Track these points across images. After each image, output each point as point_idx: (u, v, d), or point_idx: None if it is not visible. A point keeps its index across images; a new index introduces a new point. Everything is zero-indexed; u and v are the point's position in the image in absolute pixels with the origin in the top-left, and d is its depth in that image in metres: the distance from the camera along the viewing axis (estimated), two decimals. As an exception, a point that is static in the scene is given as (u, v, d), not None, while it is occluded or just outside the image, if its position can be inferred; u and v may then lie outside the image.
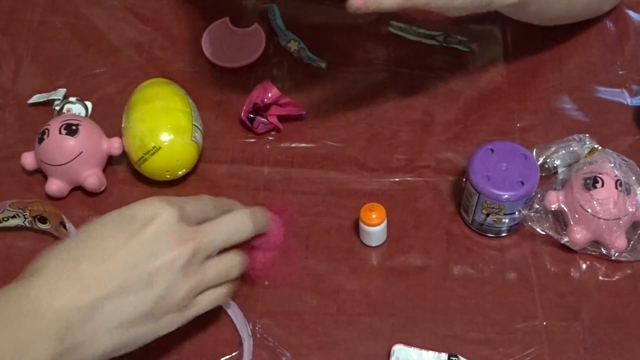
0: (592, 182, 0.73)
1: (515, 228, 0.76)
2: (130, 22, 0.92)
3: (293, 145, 0.83)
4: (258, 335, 0.71)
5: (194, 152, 0.78)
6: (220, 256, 0.64)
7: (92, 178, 0.77)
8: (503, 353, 0.70)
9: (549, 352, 0.70)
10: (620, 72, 0.88)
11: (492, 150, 0.74)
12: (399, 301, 0.73)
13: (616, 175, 0.73)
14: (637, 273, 0.75)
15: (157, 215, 0.59)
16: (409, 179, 0.80)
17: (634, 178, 0.74)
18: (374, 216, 0.73)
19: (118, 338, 0.58)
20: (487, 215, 0.73)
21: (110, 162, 0.80)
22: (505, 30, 0.91)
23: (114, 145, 0.78)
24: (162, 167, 0.76)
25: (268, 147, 0.82)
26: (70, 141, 0.76)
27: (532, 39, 0.90)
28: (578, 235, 0.73)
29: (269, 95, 0.81)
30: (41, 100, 0.85)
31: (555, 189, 0.76)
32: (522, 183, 0.72)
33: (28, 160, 0.78)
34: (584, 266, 0.75)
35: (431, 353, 0.69)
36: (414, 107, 0.85)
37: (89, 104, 0.84)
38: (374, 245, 0.76)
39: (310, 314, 0.72)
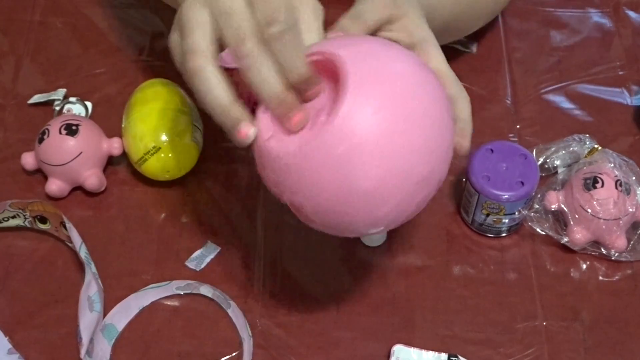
0: (592, 182, 0.73)
1: (515, 228, 0.76)
2: (131, 22, 0.92)
3: (293, 145, 0.82)
4: (258, 335, 0.71)
5: (194, 152, 0.78)
6: None
7: (92, 178, 0.77)
8: (503, 353, 0.70)
9: (549, 352, 0.70)
10: (620, 72, 0.88)
11: (492, 150, 0.74)
12: (399, 301, 0.73)
13: (616, 176, 0.73)
14: (637, 273, 0.75)
15: None
16: (409, 179, 0.80)
17: (634, 178, 0.74)
18: (374, 216, 0.73)
19: None
20: (487, 215, 0.74)
21: (110, 162, 0.80)
22: (505, 30, 0.91)
23: (114, 146, 0.78)
24: (162, 167, 0.76)
25: (268, 147, 0.82)
26: (70, 141, 0.76)
27: (532, 39, 0.90)
28: (578, 235, 0.73)
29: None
30: (41, 100, 0.85)
31: (555, 189, 0.76)
32: (522, 183, 0.72)
33: (28, 160, 0.78)
34: (584, 266, 0.75)
35: (431, 353, 0.69)
36: (414, 107, 0.85)
37: (89, 104, 0.84)
38: (374, 245, 0.76)
39: (310, 314, 0.72)
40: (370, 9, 0.59)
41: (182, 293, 0.73)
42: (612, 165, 0.74)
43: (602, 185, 0.72)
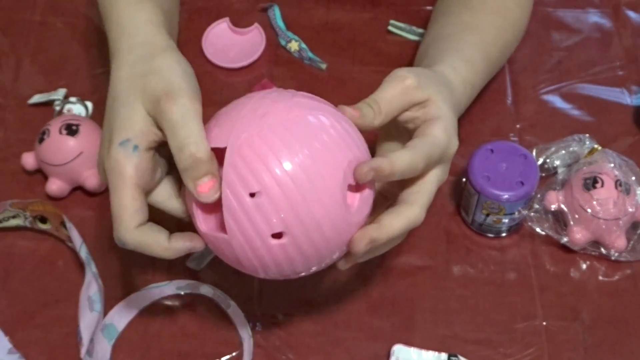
0: (591, 182, 0.73)
1: (515, 228, 0.76)
2: (131, 22, 0.92)
3: (293, 145, 0.82)
4: (258, 335, 0.71)
5: (194, 152, 0.78)
6: None
7: (92, 178, 0.77)
8: (503, 353, 0.70)
9: (549, 352, 0.70)
10: (620, 72, 0.88)
11: (492, 150, 0.74)
12: (399, 301, 0.73)
13: (616, 176, 0.73)
14: (637, 273, 0.75)
15: None
16: (409, 179, 0.80)
17: (633, 178, 0.74)
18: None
19: None
20: (487, 215, 0.74)
21: (111, 162, 0.80)
22: (505, 30, 0.91)
23: (114, 145, 0.78)
24: (162, 167, 0.76)
25: (268, 147, 0.82)
26: (71, 141, 0.76)
27: (532, 39, 0.90)
28: (578, 235, 0.73)
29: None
30: (41, 100, 0.85)
31: (555, 189, 0.76)
32: (522, 183, 0.72)
33: (28, 160, 0.78)
34: (584, 266, 0.75)
35: (431, 353, 0.69)
36: (414, 107, 0.85)
37: (89, 104, 0.84)
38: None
39: (310, 314, 0.72)
40: (388, 97, 0.59)
41: (182, 293, 0.73)
42: (612, 165, 0.74)
43: (602, 185, 0.72)
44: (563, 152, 0.79)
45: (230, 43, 0.90)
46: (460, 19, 0.76)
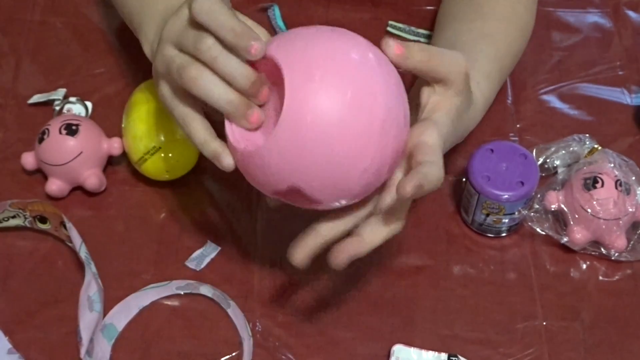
0: (592, 182, 0.73)
1: (515, 228, 0.76)
2: (130, 22, 0.92)
3: (293, 145, 0.82)
4: (258, 336, 0.71)
5: (194, 152, 0.78)
6: None
7: (92, 178, 0.77)
8: (503, 353, 0.70)
9: (548, 352, 0.70)
10: (620, 72, 0.88)
11: (492, 150, 0.74)
12: (399, 301, 0.73)
13: (616, 176, 0.73)
14: (637, 273, 0.75)
15: None
16: (409, 179, 0.80)
17: (633, 178, 0.74)
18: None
19: None
20: (487, 215, 0.74)
21: (110, 162, 0.80)
22: (505, 30, 0.91)
23: (114, 145, 0.78)
24: (162, 167, 0.76)
25: (268, 147, 0.82)
26: (70, 141, 0.76)
27: (532, 39, 0.90)
28: (578, 235, 0.73)
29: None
30: (41, 100, 0.85)
31: (555, 189, 0.76)
32: (522, 183, 0.72)
33: (28, 160, 0.78)
34: (584, 266, 0.75)
35: (431, 353, 0.69)
36: (414, 107, 0.85)
37: (89, 104, 0.84)
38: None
39: (310, 314, 0.72)
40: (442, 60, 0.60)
41: (182, 293, 0.73)
42: (612, 165, 0.74)
43: (602, 185, 0.72)
44: (563, 152, 0.79)
45: (230, 43, 0.90)
46: (474, 25, 0.76)
